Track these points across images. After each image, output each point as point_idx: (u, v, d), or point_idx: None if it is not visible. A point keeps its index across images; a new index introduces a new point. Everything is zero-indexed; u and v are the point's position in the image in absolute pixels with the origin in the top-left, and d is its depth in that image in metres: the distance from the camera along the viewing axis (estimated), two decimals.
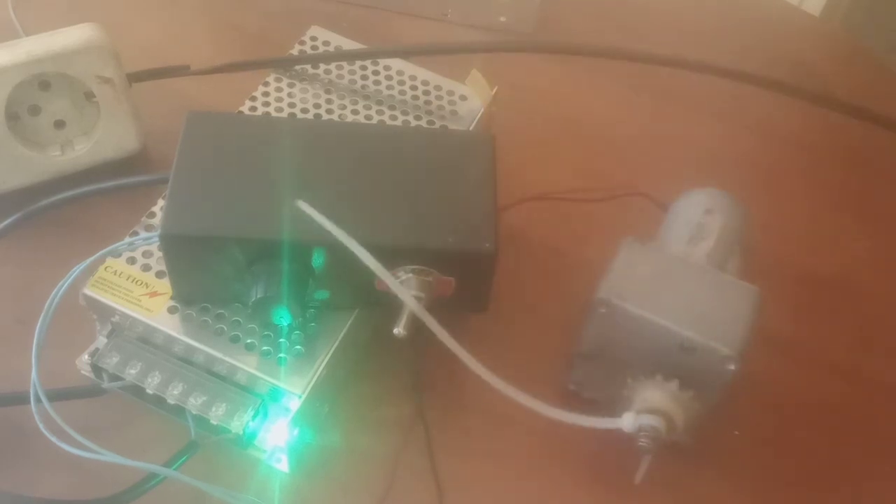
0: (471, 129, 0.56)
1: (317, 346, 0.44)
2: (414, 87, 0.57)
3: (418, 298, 0.42)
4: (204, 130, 0.45)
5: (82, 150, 0.56)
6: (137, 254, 0.47)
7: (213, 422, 0.43)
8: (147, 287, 0.45)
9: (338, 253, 0.42)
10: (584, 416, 0.42)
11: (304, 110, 0.55)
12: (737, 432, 0.51)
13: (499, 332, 0.54)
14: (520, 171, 0.62)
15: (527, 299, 0.56)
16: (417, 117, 0.56)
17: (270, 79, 0.56)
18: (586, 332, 0.46)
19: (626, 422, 0.42)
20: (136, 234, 0.47)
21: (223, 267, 0.42)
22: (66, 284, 0.44)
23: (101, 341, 0.46)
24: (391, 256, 0.42)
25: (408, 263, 0.43)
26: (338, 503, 0.47)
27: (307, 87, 0.56)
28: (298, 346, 0.44)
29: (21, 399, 0.43)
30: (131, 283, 0.45)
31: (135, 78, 0.57)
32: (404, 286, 0.42)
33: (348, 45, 0.59)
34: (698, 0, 0.83)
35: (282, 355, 0.44)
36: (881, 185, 0.68)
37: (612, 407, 0.48)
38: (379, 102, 0.56)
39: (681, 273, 0.46)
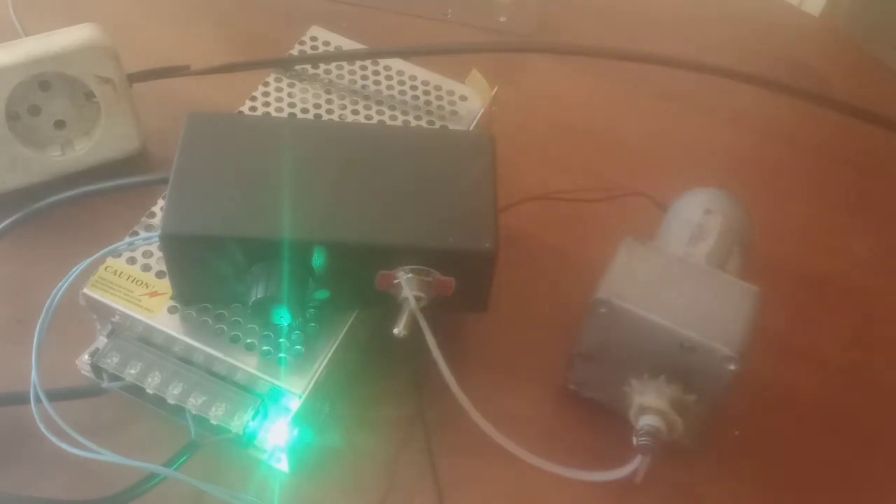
0: (471, 129, 0.56)
1: (317, 346, 0.44)
2: (414, 87, 0.57)
3: (418, 298, 0.42)
4: (204, 130, 0.45)
5: (82, 150, 0.56)
6: (137, 254, 0.47)
7: (213, 422, 0.43)
8: (147, 287, 0.45)
9: (338, 253, 0.42)
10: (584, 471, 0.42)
11: (304, 110, 0.55)
12: (737, 432, 0.51)
13: (499, 332, 0.54)
14: (520, 171, 0.62)
15: (527, 299, 0.56)
16: (417, 117, 0.56)
17: (270, 79, 0.56)
18: (586, 331, 0.46)
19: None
20: (136, 234, 0.47)
21: (223, 267, 0.42)
22: (66, 284, 0.44)
23: (101, 341, 0.46)
24: (391, 256, 0.42)
25: (408, 263, 0.43)
26: (338, 503, 0.47)
27: (307, 87, 0.56)
28: (298, 346, 0.44)
29: (21, 399, 0.43)
30: (131, 283, 0.45)
31: (135, 78, 0.57)
32: (404, 286, 0.42)
33: (348, 45, 0.59)
34: (698, 0, 0.83)
35: (282, 355, 0.44)
36: (881, 184, 0.68)
37: (611, 406, 0.48)
38: (379, 102, 0.56)
39: (681, 273, 0.46)
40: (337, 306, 0.46)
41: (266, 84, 0.56)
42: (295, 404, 0.43)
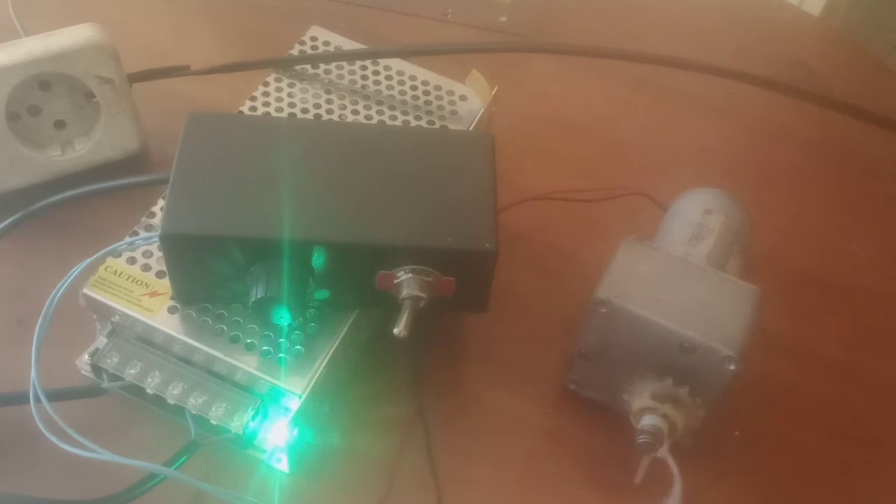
0: (471, 129, 0.56)
1: (317, 346, 0.44)
2: (414, 87, 0.57)
3: (418, 298, 0.42)
4: (204, 130, 0.45)
5: (82, 150, 0.56)
6: (137, 254, 0.47)
7: (213, 422, 0.43)
8: (147, 287, 0.45)
9: (338, 253, 0.42)
10: None
11: (304, 110, 0.55)
12: (737, 432, 0.51)
13: (499, 332, 0.54)
14: (520, 171, 0.62)
15: (527, 299, 0.56)
16: (417, 117, 0.56)
17: (270, 79, 0.56)
18: (586, 331, 0.46)
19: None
20: (136, 234, 0.47)
21: (223, 267, 0.42)
22: (66, 284, 0.44)
23: (101, 341, 0.46)
24: (391, 256, 0.42)
25: (408, 263, 0.43)
26: (338, 503, 0.47)
27: (307, 87, 0.56)
28: (298, 346, 0.44)
29: (21, 399, 0.43)
30: (131, 283, 0.45)
31: (135, 78, 0.57)
32: (404, 286, 0.42)
33: (348, 45, 0.59)
34: (698, 0, 0.83)
35: (282, 355, 0.44)
36: (881, 184, 0.68)
37: (611, 406, 0.48)
38: (379, 102, 0.56)
39: (681, 273, 0.46)
40: (337, 306, 0.46)
41: (266, 84, 0.56)
42: (295, 404, 0.43)
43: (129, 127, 0.57)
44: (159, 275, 0.46)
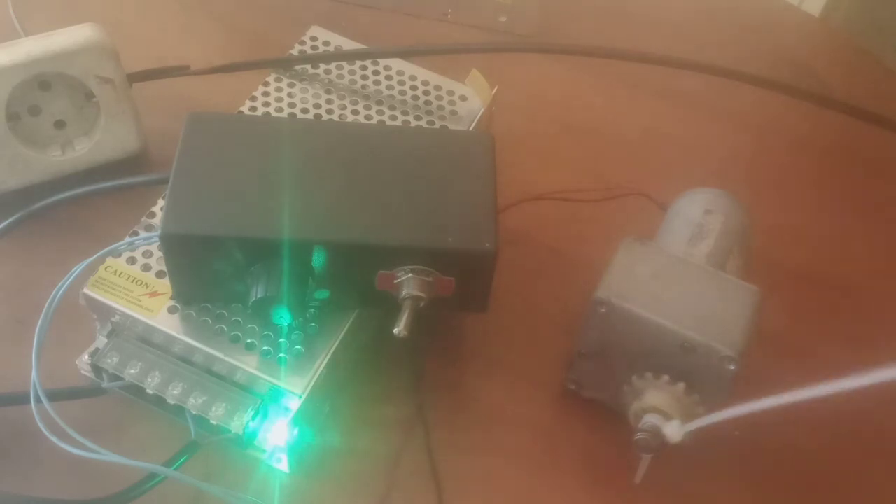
0: (471, 129, 0.56)
1: (317, 346, 0.44)
2: (414, 87, 0.57)
3: (419, 298, 0.42)
4: (204, 130, 0.45)
5: (82, 150, 0.56)
6: (137, 254, 0.47)
7: (213, 422, 0.43)
8: (147, 287, 0.45)
9: (338, 253, 0.42)
10: None
11: (304, 110, 0.55)
12: (737, 432, 0.51)
13: (499, 332, 0.54)
14: (520, 171, 0.62)
15: (527, 299, 0.56)
16: (417, 117, 0.56)
17: (270, 79, 0.56)
18: (586, 331, 0.46)
19: (672, 430, 0.43)
20: (136, 234, 0.47)
21: (223, 267, 0.42)
22: (66, 284, 0.44)
23: (101, 341, 0.46)
24: (391, 256, 0.42)
25: (408, 263, 0.43)
26: (338, 503, 0.47)
27: (307, 87, 0.56)
28: (298, 346, 0.44)
29: (21, 399, 0.43)
30: (131, 283, 0.45)
31: (135, 78, 0.57)
32: (404, 286, 0.42)
33: (348, 45, 0.59)
34: (698, 1, 0.83)
35: (282, 355, 0.44)
36: (881, 184, 0.68)
37: (611, 406, 0.48)
38: (379, 102, 0.56)
39: (681, 273, 0.46)
40: (337, 306, 0.46)
41: (266, 84, 0.56)
42: (295, 404, 0.43)
43: (129, 127, 0.57)
44: (159, 275, 0.46)
